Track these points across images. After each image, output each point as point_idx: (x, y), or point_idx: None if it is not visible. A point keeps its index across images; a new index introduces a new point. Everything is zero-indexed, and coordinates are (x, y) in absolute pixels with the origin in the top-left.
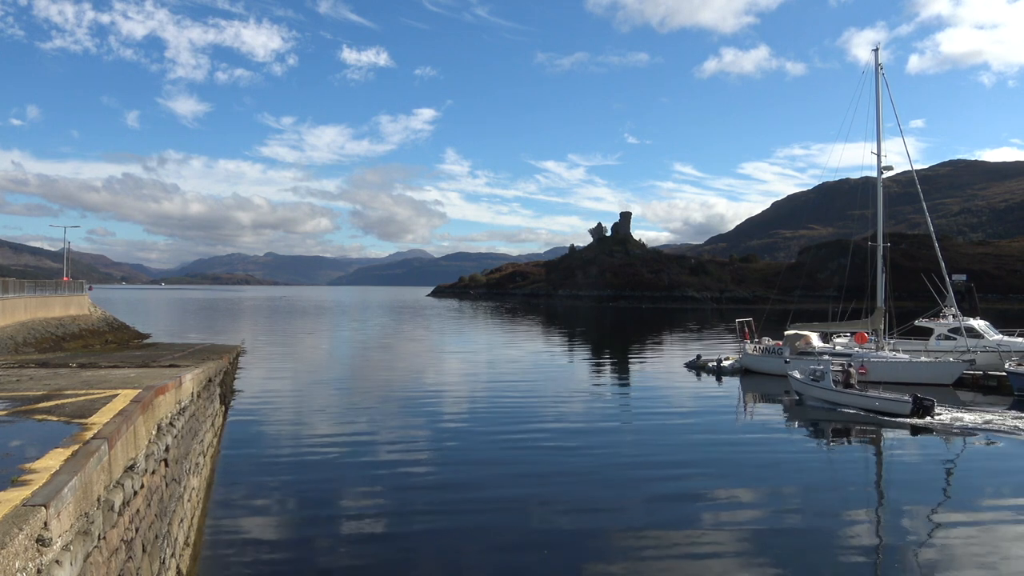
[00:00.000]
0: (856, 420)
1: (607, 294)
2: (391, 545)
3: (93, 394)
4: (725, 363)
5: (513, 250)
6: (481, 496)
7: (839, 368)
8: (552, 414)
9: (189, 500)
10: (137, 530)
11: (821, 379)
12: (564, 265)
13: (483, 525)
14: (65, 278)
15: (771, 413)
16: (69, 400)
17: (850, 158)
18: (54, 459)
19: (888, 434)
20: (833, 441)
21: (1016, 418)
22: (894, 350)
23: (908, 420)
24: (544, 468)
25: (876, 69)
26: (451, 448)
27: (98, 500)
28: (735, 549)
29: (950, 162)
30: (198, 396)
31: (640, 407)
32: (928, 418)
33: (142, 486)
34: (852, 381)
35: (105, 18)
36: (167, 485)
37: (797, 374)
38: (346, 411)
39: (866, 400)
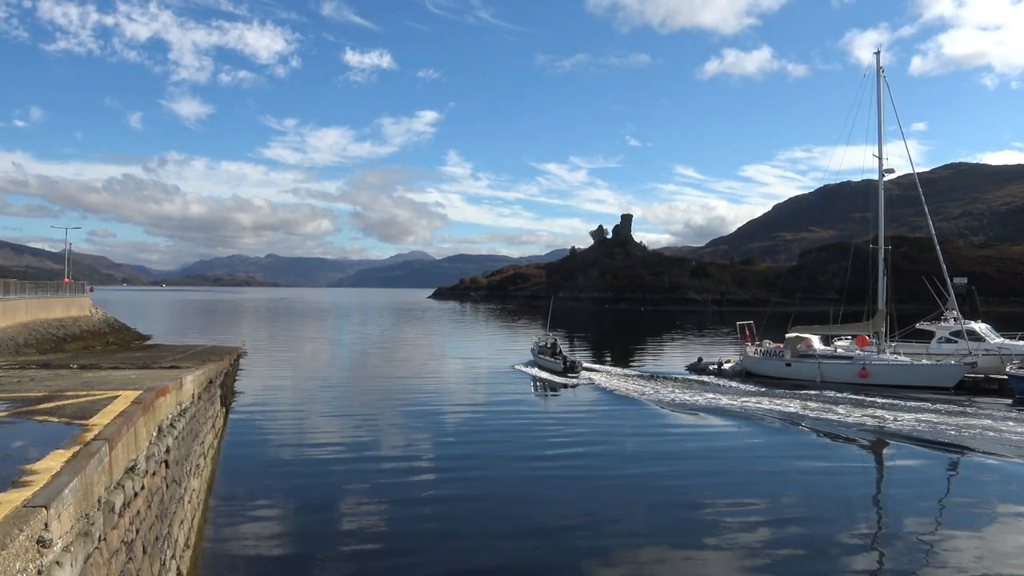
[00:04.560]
0: (541, 377)
1: (608, 296)
2: (391, 548)
3: (94, 395)
4: (726, 365)
5: (514, 252)
6: (482, 498)
7: (550, 341)
8: (553, 415)
9: (190, 502)
10: (138, 531)
11: (536, 349)
12: (565, 267)
13: (484, 526)
14: (67, 279)
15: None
16: (70, 401)
17: (851, 161)
18: (55, 460)
19: (559, 390)
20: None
21: (626, 377)
22: (895, 353)
23: (561, 376)
24: (543, 471)
25: (878, 71)
26: (452, 450)
27: (99, 501)
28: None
29: (951, 165)
30: (199, 397)
31: (641, 410)
32: (573, 375)
33: (143, 487)
34: (556, 351)
35: (109, 20)
36: (168, 486)
37: (532, 345)
38: (347, 413)
39: (545, 362)
